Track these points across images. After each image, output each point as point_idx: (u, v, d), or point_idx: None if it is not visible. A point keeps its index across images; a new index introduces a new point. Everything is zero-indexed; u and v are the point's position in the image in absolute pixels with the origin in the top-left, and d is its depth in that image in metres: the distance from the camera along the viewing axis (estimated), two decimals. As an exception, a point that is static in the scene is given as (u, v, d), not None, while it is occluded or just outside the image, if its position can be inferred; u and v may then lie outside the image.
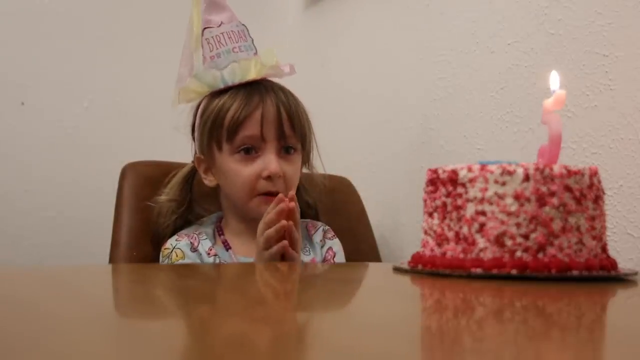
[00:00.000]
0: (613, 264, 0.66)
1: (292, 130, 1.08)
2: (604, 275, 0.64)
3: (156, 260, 1.13)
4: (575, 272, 0.62)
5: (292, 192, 1.01)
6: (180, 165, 1.22)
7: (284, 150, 1.09)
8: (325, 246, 1.15)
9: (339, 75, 1.65)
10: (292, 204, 0.99)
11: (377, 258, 1.32)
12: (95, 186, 1.69)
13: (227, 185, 1.10)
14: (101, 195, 1.44)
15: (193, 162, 1.17)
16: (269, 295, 0.61)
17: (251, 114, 1.06)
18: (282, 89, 1.12)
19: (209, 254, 1.09)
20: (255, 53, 1.13)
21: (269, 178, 1.06)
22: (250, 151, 1.07)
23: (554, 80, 0.72)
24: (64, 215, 1.72)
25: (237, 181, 1.08)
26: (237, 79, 1.09)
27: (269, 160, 1.06)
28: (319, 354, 0.34)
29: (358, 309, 0.54)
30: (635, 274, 0.66)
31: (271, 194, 1.05)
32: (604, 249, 0.66)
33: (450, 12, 1.30)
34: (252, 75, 1.10)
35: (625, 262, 0.92)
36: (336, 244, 1.17)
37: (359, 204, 1.36)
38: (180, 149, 1.22)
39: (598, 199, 0.66)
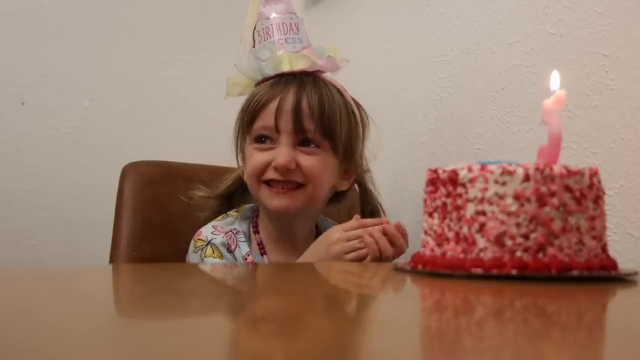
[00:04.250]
0: (613, 264, 0.66)
1: (313, 123, 1.03)
2: (604, 275, 0.64)
3: (159, 258, 1.13)
4: (575, 272, 0.62)
5: (393, 222, 0.99)
6: (182, 165, 1.22)
7: (302, 143, 1.04)
8: None
9: (339, 75, 1.65)
10: (387, 227, 0.97)
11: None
12: (95, 186, 1.69)
13: (245, 171, 1.08)
14: (101, 195, 1.45)
15: None
16: (268, 295, 0.61)
17: (267, 104, 1.03)
18: (318, 83, 1.06)
19: (245, 259, 1.05)
20: (306, 47, 1.09)
21: (279, 169, 1.02)
22: (265, 141, 1.04)
23: (554, 80, 0.72)
24: (64, 215, 1.72)
25: (248, 166, 1.05)
26: (273, 71, 1.06)
27: (280, 152, 1.02)
28: (319, 354, 0.34)
29: (358, 309, 0.54)
30: (636, 274, 0.66)
31: (279, 183, 1.02)
32: (604, 249, 0.66)
33: (451, 12, 1.30)
34: (286, 67, 1.06)
35: (626, 262, 0.91)
36: None
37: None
38: (181, 149, 1.22)
39: (598, 199, 0.66)
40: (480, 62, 1.22)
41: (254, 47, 1.08)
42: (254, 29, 1.09)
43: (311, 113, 1.03)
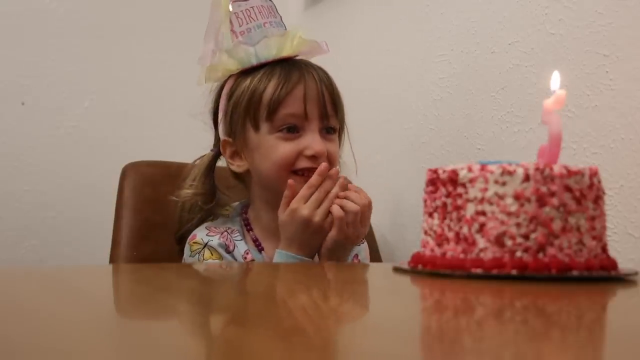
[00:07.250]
0: (613, 264, 0.66)
1: (334, 110, 1.03)
2: (604, 275, 0.64)
3: (159, 258, 1.13)
4: (575, 272, 0.62)
5: (336, 169, 0.99)
6: (181, 165, 1.21)
7: (325, 131, 1.03)
8: (352, 252, 1.08)
9: (339, 76, 1.65)
10: (336, 169, 0.98)
11: (377, 258, 1.32)
12: (95, 186, 1.69)
13: (262, 163, 1.03)
14: (101, 195, 1.44)
15: (212, 150, 1.11)
16: (267, 296, 0.61)
17: (293, 91, 1.00)
18: (320, 67, 1.07)
19: (245, 258, 1.03)
20: (285, 30, 1.07)
21: (312, 157, 1.00)
22: (292, 130, 1.01)
23: (555, 80, 0.72)
24: (64, 215, 1.72)
25: (274, 157, 1.01)
26: (272, 55, 1.03)
27: (312, 139, 1.00)
28: (318, 354, 0.34)
29: (358, 309, 0.54)
30: (636, 274, 0.66)
31: (310, 171, 1.00)
32: (604, 249, 0.66)
33: (451, 12, 1.30)
34: (288, 51, 1.04)
35: (626, 262, 0.91)
36: (363, 250, 1.11)
37: (359, 204, 1.36)
38: (181, 149, 1.21)
39: (598, 199, 0.66)
40: (480, 62, 1.22)
41: (232, 30, 1.04)
42: (230, 10, 1.04)
43: (331, 99, 1.04)
